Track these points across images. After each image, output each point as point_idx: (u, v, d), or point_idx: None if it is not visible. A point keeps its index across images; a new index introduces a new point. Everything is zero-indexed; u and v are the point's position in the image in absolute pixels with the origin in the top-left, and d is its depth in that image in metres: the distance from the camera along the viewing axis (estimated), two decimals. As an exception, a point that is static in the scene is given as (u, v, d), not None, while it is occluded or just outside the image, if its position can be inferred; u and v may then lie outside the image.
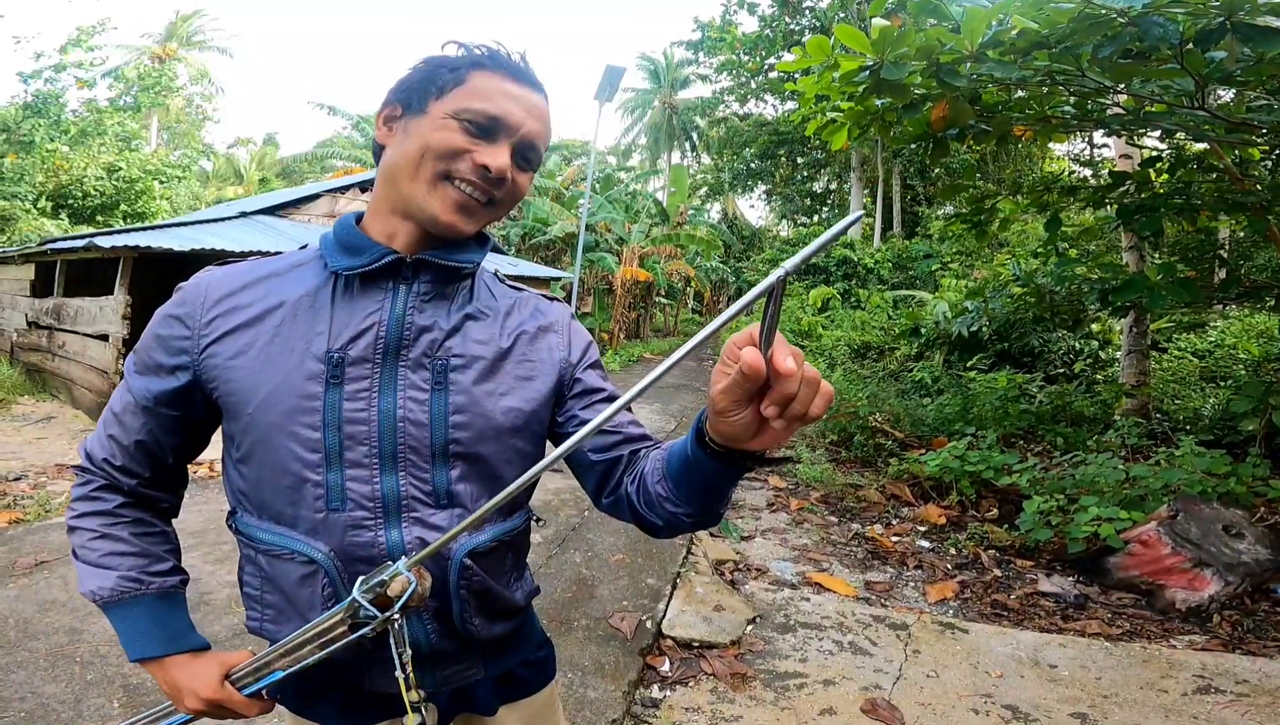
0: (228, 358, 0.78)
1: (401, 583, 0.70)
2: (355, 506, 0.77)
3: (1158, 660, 2.83)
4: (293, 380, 0.76)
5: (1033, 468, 4.70)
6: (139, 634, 0.82)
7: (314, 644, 0.75)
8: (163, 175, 16.47)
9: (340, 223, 0.84)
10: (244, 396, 0.77)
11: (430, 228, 0.78)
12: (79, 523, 0.83)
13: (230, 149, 33.30)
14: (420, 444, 0.79)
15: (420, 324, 0.80)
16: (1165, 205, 4.46)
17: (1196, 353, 9.47)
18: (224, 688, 0.81)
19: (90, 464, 0.84)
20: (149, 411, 0.82)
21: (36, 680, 2.31)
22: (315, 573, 0.78)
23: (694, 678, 2.62)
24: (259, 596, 0.84)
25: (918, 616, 3.20)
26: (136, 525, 0.84)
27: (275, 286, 0.80)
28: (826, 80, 3.39)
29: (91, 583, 0.81)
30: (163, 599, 0.83)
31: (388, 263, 0.79)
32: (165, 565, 0.85)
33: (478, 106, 0.76)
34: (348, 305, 0.79)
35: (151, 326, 0.82)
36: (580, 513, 4.41)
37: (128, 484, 0.83)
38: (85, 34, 13.18)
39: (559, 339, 0.90)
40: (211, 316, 0.79)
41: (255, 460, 0.79)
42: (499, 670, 0.92)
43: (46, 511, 4.14)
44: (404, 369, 0.79)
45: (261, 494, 0.80)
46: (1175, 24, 2.55)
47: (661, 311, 26.40)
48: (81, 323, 7.17)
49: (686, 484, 0.73)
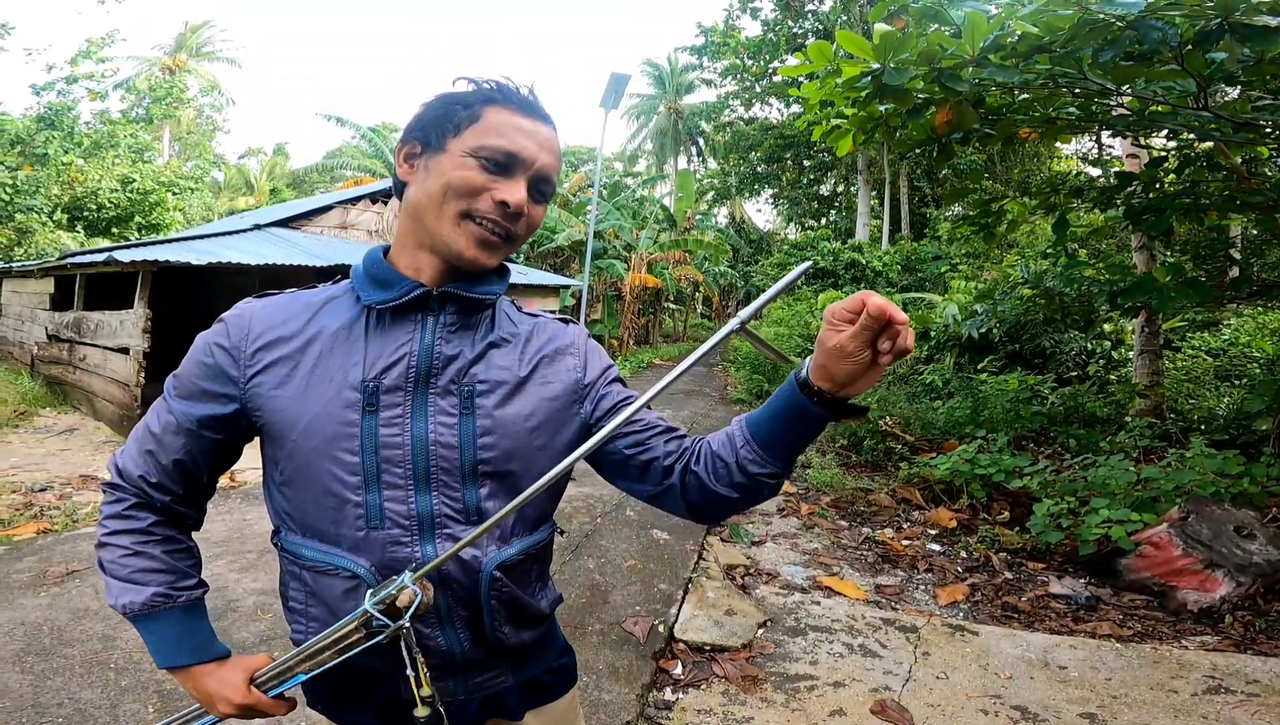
0: (272, 388, 0.83)
1: (408, 594, 0.76)
2: (393, 524, 0.83)
3: (1168, 661, 2.84)
4: (332, 408, 0.81)
5: (1044, 470, 4.70)
6: (168, 645, 0.87)
7: (332, 649, 0.81)
8: (176, 187, 16.70)
9: (369, 256, 0.89)
10: (287, 424, 0.82)
11: (456, 262, 0.84)
12: (111, 539, 0.87)
13: (241, 159, 33.65)
14: (451, 465, 0.84)
15: (447, 353, 0.85)
16: (1173, 205, 4.46)
17: (1210, 351, 9.40)
18: (252, 692, 0.87)
19: (123, 480, 0.88)
20: (191, 433, 0.86)
21: (73, 686, 2.38)
22: (358, 586, 0.83)
23: (706, 680, 2.66)
24: (304, 610, 0.89)
25: (928, 619, 3.23)
26: (167, 543, 0.89)
27: (313, 320, 0.86)
28: (830, 86, 3.42)
29: (123, 597, 0.86)
30: (189, 611, 0.89)
31: (416, 296, 0.84)
32: (191, 580, 0.91)
33: (494, 143, 0.81)
34: (380, 337, 0.84)
35: (195, 354, 0.87)
36: (593, 520, 4.46)
37: (161, 501, 0.88)
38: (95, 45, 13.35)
39: (576, 360, 0.95)
40: (255, 347, 0.84)
41: (299, 483, 0.84)
42: (525, 677, 0.97)
43: (74, 521, 4.23)
44: (434, 395, 0.84)
45: (305, 514, 0.85)
46: (1174, 26, 2.58)
47: (671, 317, 26.42)
48: (102, 336, 7.31)
49: (780, 441, 0.81)
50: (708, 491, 0.87)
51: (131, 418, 6.67)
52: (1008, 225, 5.48)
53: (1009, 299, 8.69)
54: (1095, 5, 2.54)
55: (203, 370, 0.86)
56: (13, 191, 12.10)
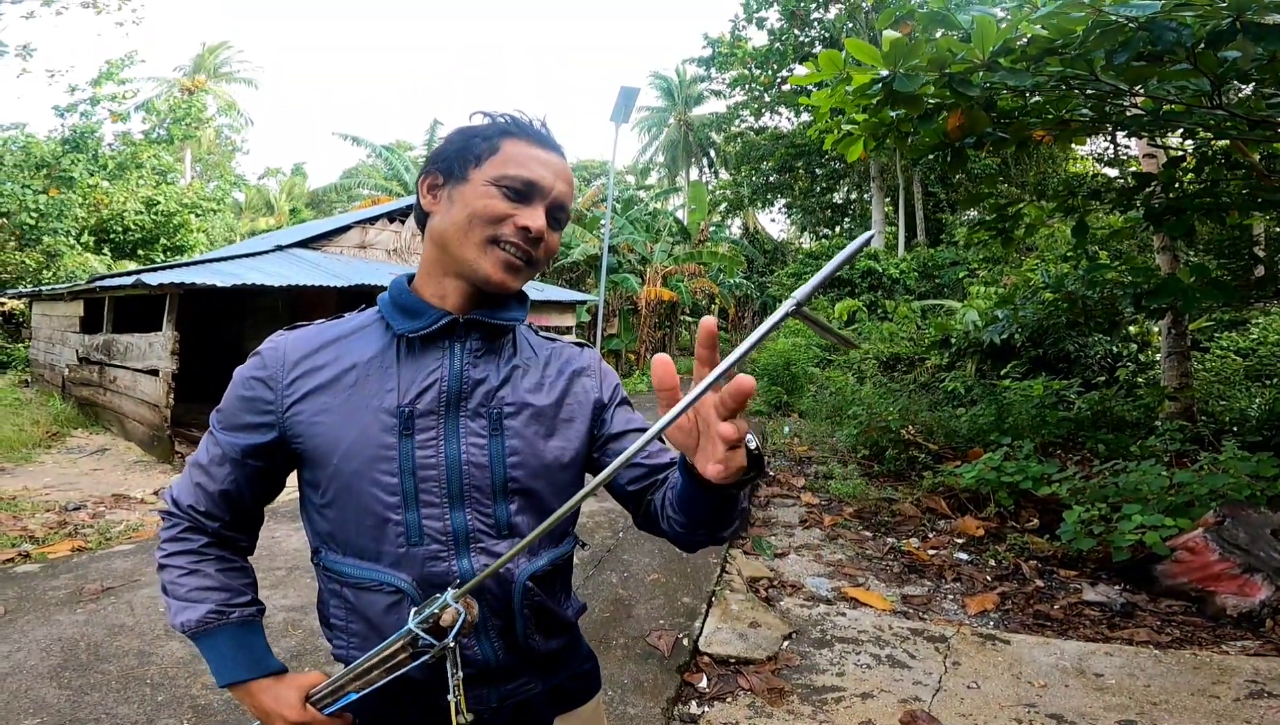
0: (311, 416, 0.87)
1: (451, 613, 0.78)
2: (431, 540, 0.87)
3: (1208, 666, 2.77)
4: (370, 433, 0.86)
5: (1073, 477, 4.62)
6: (225, 660, 0.91)
7: (380, 668, 0.83)
8: (199, 208, 17.06)
9: (395, 285, 0.93)
10: (328, 449, 0.86)
11: (483, 287, 0.88)
12: (169, 561, 0.91)
13: (261, 180, 34.33)
14: (483, 483, 0.88)
15: (475, 377, 0.90)
16: (1193, 205, 4.40)
17: (1239, 351, 9.22)
18: (307, 709, 0.90)
19: (176, 509, 0.93)
20: (236, 463, 0.91)
21: (110, 701, 2.42)
22: (401, 601, 0.87)
23: (731, 693, 2.64)
24: (344, 626, 0.92)
25: (957, 628, 3.18)
26: (220, 562, 0.93)
27: (345, 348, 0.90)
28: (840, 93, 3.43)
29: (181, 615, 0.90)
30: (244, 627, 0.92)
31: (444, 324, 0.88)
32: (245, 598, 0.94)
33: (514, 173, 0.85)
34: (412, 364, 0.89)
35: (235, 388, 0.91)
36: (615, 534, 4.46)
37: (211, 527, 0.93)
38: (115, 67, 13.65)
39: (592, 382, 1.00)
40: (292, 378, 0.88)
41: (340, 504, 0.88)
42: (553, 683, 1.00)
43: (108, 539, 4.32)
44: (464, 418, 0.89)
45: (347, 533, 0.89)
46: (1187, 27, 2.56)
47: (687, 330, 26.42)
48: (131, 358, 7.47)
49: (695, 511, 0.79)
50: (665, 532, 0.90)
51: (162, 438, 6.80)
52: (1025, 229, 5.43)
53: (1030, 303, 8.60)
54: (1109, 7, 2.54)
55: (243, 403, 0.90)
56: (39, 215, 12.42)
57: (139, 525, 4.68)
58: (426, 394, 0.87)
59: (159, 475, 6.34)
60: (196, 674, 2.61)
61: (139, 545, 4.13)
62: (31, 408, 8.70)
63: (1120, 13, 2.52)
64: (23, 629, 2.93)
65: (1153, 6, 2.48)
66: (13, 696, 2.42)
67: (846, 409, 8.05)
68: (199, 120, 17.36)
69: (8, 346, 13.06)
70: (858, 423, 7.22)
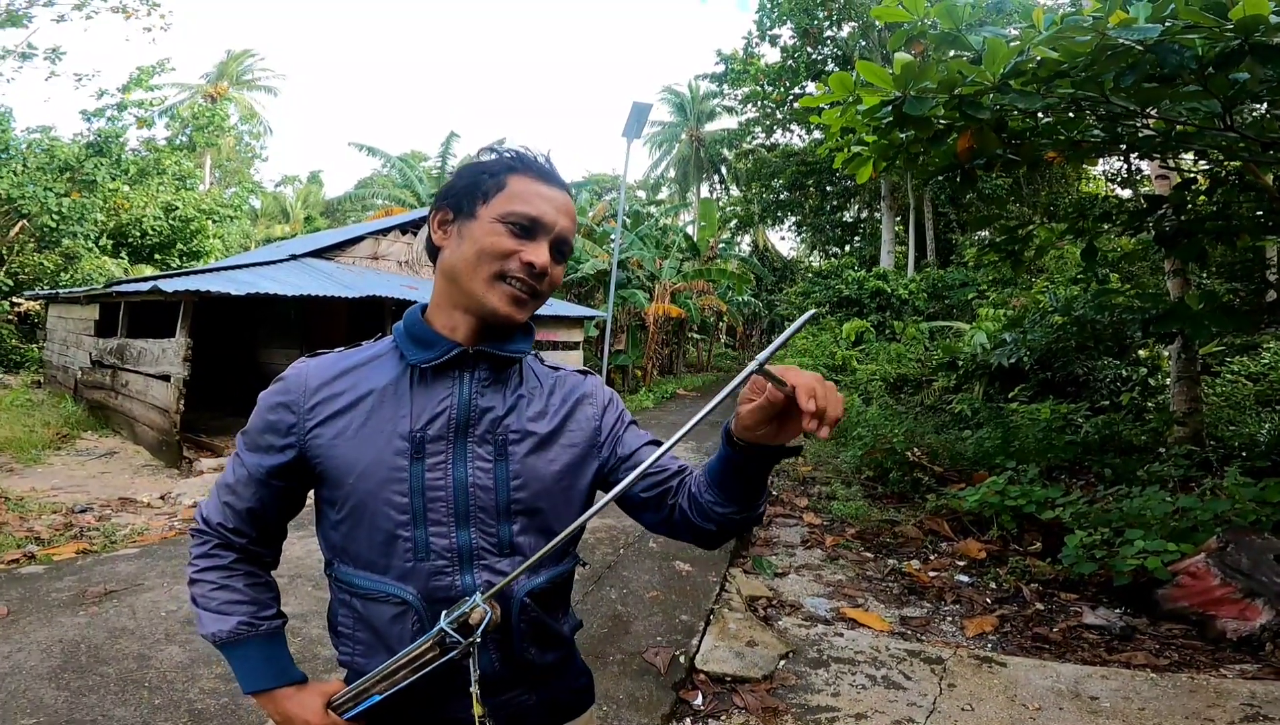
0: (330, 438, 0.93)
1: (479, 613, 0.86)
2: (437, 557, 0.92)
3: (1205, 690, 2.74)
4: (384, 456, 0.91)
5: (1077, 501, 4.59)
6: (253, 669, 0.97)
7: (407, 669, 0.89)
8: (216, 214, 17.30)
9: (409, 317, 0.99)
10: (345, 470, 0.92)
11: (490, 320, 0.93)
12: (200, 576, 0.98)
13: (277, 187, 34.79)
14: (488, 504, 0.94)
15: (483, 406, 0.95)
16: (1203, 228, 4.38)
17: (1250, 376, 9.14)
18: (328, 715, 0.95)
19: (207, 527, 0.99)
20: (261, 483, 0.97)
21: (107, 704, 2.44)
22: (406, 612, 0.92)
23: (726, 711, 2.63)
24: (351, 634, 0.97)
25: (954, 650, 3.16)
26: (248, 578, 1.00)
27: (362, 376, 0.96)
28: (850, 113, 3.45)
29: (213, 626, 0.96)
30: (270, 638, 0.99)
31: (454, 356, 0.93)
32: (271, 610, 1.01)
33: (520, 210, 0.90)
34: (424, 392, 0.94)
35: (260, 411, 0.97)
36: (615, 551, 4.46)
37: (239, 543, 0.99)
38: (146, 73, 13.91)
39: (594, 410, 1.05)
40: (313, 403, 0.94)
41: (353, 520, 0.93)
42: (547, 696, 1.04)
43: (112, 543, 4.36)
44: (471, 444, 0.94)
45: (358, 548, 0.94)
46: (1192, 50, 2.58)
47: (695, 347, 26.42)
48: (144, 363, 7.56)
49: (730, 486, 0.90)
50: (693, 525, 0.98)
51: (170, 443, 6.87)
52: (1035, 251, 5.42)
53: (1039, 327, 8.55)
54: (1113, 31, 2.56)
55: (267, 425, 0.96)
56: (60, 217, 12.63)
57: (144, 529, 4.72)
58: (437, 421, 0.92)
59: (166, 480, 6.40)
60: (194, 678, 2.63)
61: (143, 549, 4.17)
62: (43, 409, 8.80)
63: (1124, 37, 2.54)
64: (24, 630, 2.96)
65: (1155, 30, 2.50)
66: (11, 696, 2.44)
67: (851, 430, 8.02)
68: (222, 128, 17.63)
69: (22, 347, 13.23)
70: (862, 444, 7.19)
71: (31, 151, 13.00)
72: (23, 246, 13.36)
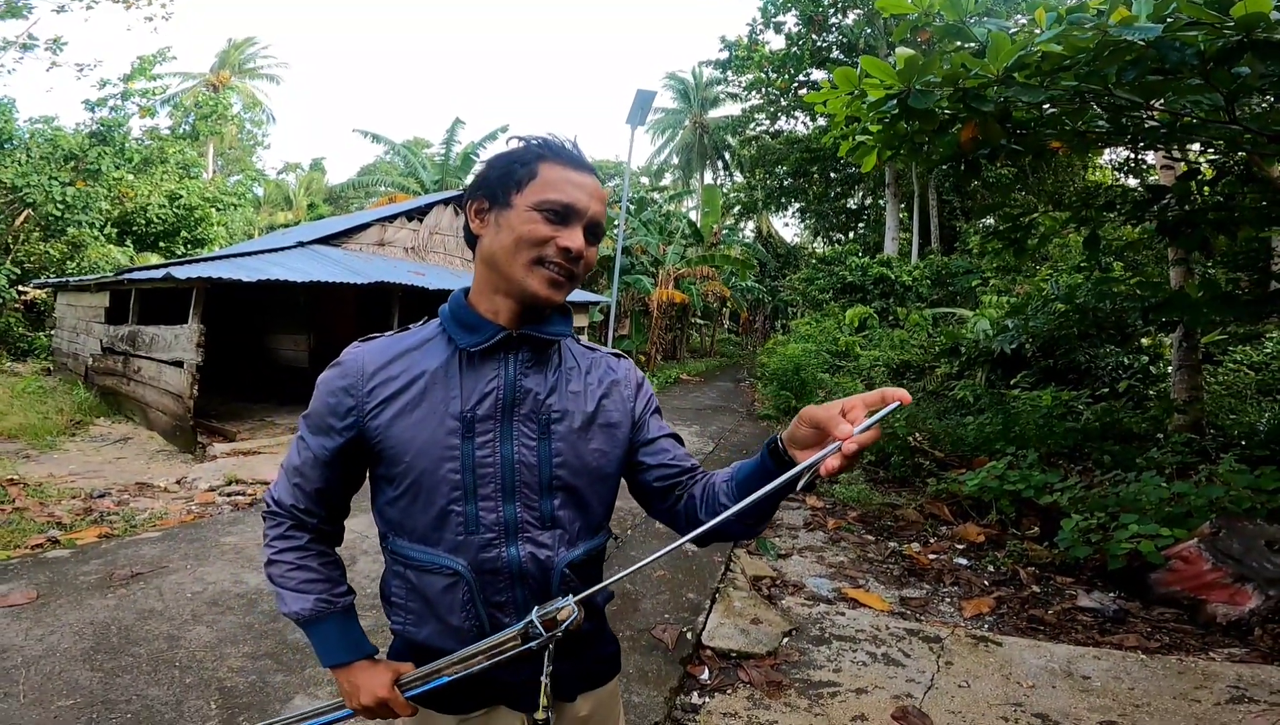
0: (389, 419, 0.99)
1: (567, 611, 0.92)
2: (486, 530, 0.99)
3: (1193, 671, 2.85)
4: (438, 435, 0.98)
5: (1075, 486, 4.67)
6: (332, 644, 1.04)
7: (483, 655, 0.95)
8: (220, 202, 17.35)
9: (454, 301, 1.06)
10: (402, 448, 0.98)
11: (531, 303, 0.99)
12: (278, 557, 1.05)
13: (280, 175, 34.64)
14: (531, 480, 1.00)
15: (526, 387, 1.01)
16: (1205, 219, 4.42)
17: (1252, 365, 9.17)
18: (393, 690, 1.02)
19: (280, 509, 1.06)
20: (326, 464, 1.03)
21: (140, 684, 2.53)
22: (457, 582, 1.00)
23: (731, 685, 2.74)
24: (404, 604, 1.05)
25: (952, 630, 3.26)
26: (322, 557, 1.07)
27: (414, 360, 1.02)
28: (856, 103, 3.50)
29: (294, 605, 1.03)
30: (345, 614, 1.06)
31: (500, 339, 1.00)
32: (343, 587, 1.08)
33: (553, 197, 0.96)
34: (472, 374, 1.01)
35: (320, 395, 1.03)
36: (624, 531, 4.57)
37: (311, 523, 1.06)
38: (148, 63, 13.93)
39: (629, 391, 1.12)
40: (371, 386, 1.00)
41: (410, 496, 1.00)
42: (580, 664, 1.11)
43: (133, 527, 4.47)
44: (517, 423, 1.00)
45: (414, 522, 1.01)
46: (1194, 46, 2.62)
47: (698, 332, 26.47)
48: (157, 349, 7.66)
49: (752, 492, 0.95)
50: (695, 521, 1.04)
51: (184, 428, 6.99)
52: (1039, 240, 5.46)
53: (1041, 314, 8.60)
54: (1114, 29, 2.60)
55: (328, 408, 1.02)
56: (65, 206, 12.70)
57: (163, 513, 4.84)
58: (485, 401, 0.99)
59: (180, 465, 6.51)
60: (223, 657, 2.74)
61: (165, 533, 4.28)
62: (55, 396, 8.91)
63: (1125, 34, 2.58)
64: (55, 613, 3.05)
65: (1155, 29, 2.54)
66: (47, 678, 2.51)
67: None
68: (225, 117, 17.62)
69: (29, 335, 13.34)
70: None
71: (35, 141, 13.05)
72: (28, 235, 13.43)
